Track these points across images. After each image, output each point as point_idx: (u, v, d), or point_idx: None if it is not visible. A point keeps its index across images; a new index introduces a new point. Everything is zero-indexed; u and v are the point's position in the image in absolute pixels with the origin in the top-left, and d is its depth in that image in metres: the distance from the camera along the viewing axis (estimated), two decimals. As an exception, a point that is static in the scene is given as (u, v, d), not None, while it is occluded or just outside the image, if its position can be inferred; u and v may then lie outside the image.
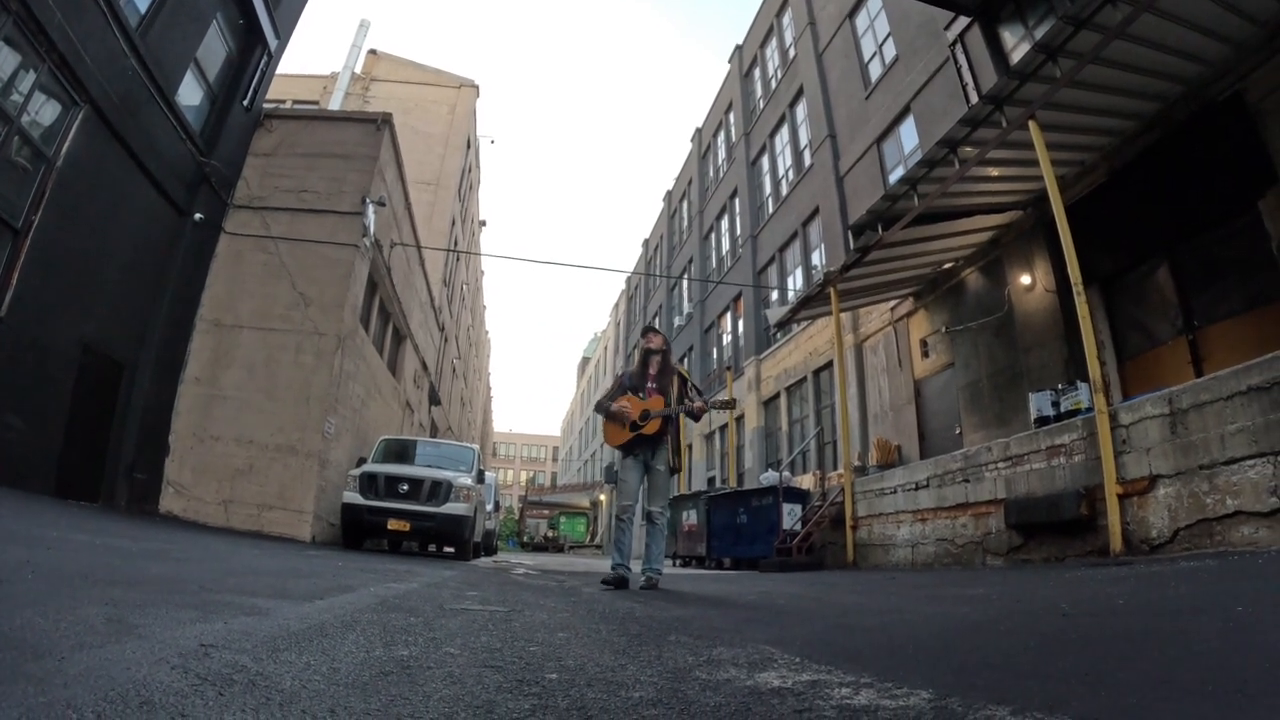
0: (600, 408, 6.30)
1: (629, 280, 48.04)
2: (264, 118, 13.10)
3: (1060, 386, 9.03)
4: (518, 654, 2.13)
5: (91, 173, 8.72)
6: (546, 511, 54.82)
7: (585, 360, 76.72)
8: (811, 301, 13.12)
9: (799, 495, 13.51)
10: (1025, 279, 11.35)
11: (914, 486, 9.82)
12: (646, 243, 44.16)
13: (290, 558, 6.37)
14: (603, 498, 47.98)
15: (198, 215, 11.21)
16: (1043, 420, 8.63)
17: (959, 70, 13.44)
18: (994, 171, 9.75)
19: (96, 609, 1.94)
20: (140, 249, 10.16)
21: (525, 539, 51.11)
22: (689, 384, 6.39)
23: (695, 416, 6.23)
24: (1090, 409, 7.23)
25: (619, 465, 6.29)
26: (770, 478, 14.62)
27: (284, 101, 22.97)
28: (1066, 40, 7.39)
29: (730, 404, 7.04)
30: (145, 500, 10.31)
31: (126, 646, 1.55)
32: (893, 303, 14.97)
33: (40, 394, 8.32)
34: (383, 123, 13.66)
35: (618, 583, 5.81)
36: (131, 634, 1.69)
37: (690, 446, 27.08)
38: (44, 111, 7.99)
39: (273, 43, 12.72)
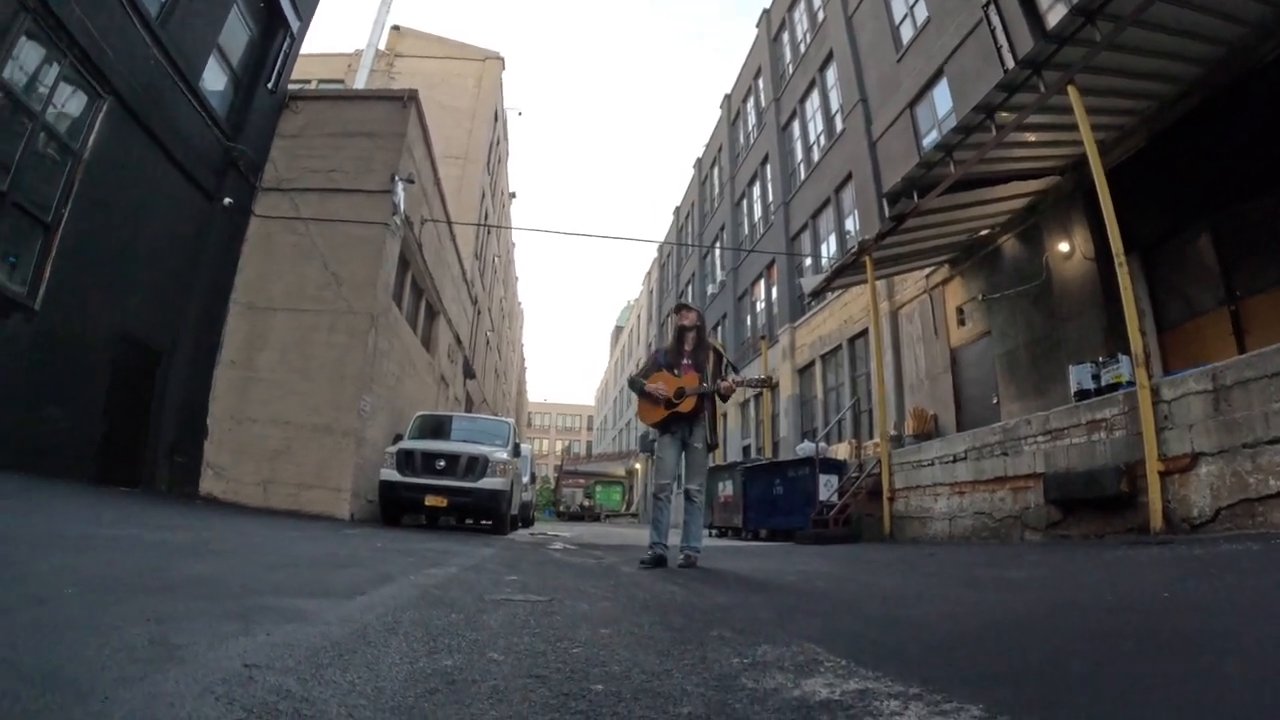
0: (634, 384, 6.26)
1: (661, 248, 47.82)
2: (289, 99, 13.14)
3: (1101, 359, 8.85)
4: (561, 658, 2.12)
5: (119, 164, 8.82)
6: (582, 481, 55.18)
7: (619, 329, 76.85)
8: (846, 270, 12.97)
9: (835, 466, 13.46)
10: (1063, 246, 11.09)
11: (951, 459, 9.73)
12: (678, 210, 43.90)
13: (329, 541, 6.46)
14: (638, 466, 48.24)
15: (227, 200, 11.31)
16: (1083, 394, 8.46)
17: (993, 32, 13.05)
18: (1031, 136, 9.50)
19: (138, 628, 1.96)
20: (171, 236, 10.28)
21: (561, 509, 51.60)
22: (725, 360, 6.32)
23: (724, 396, 6.19)
24: (1131, 383, 7.08)
25: (656, 442, 6.27)
26: (806, 448, 14.56)
27: (309, 82, 23.02)
28: (1105, 3, 7.12)
29: (767, 382, 6.98)
30: (185, 483, 10.54)
31: (170, 675, 1.55)
32: (928, 270, 14.74)
33: (78, 385, 8.51)
34: (409, 99, 13.63)
35: (656, 561, 5.83)
36: (174, 659, 1.69)
37: (725, 415, 27.03)
38: (69, 105, 8.07)
39: (294, 24, 12.70)
